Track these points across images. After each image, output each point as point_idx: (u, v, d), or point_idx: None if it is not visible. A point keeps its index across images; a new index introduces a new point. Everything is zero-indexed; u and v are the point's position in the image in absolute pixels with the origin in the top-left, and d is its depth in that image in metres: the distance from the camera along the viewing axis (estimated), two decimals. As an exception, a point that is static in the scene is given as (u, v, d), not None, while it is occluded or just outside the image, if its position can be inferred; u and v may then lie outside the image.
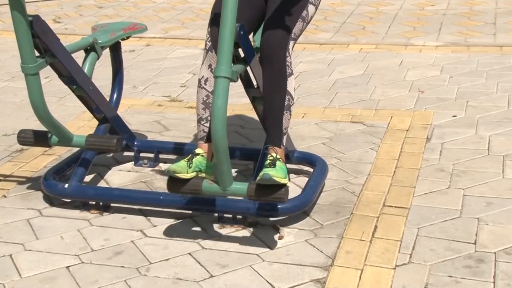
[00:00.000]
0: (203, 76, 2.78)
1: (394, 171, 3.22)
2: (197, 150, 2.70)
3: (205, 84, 2.77)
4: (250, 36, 2.85)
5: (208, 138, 2.72)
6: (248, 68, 2.81)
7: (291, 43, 2.77)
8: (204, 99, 2.77)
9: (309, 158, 3.19)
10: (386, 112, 3.98)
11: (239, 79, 2.71)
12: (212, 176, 2.66)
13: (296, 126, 3.82)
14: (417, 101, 4.16)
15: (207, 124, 2.75)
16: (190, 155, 2.67)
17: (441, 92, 4.28)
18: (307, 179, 3.03)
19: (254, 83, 2.91)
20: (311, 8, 2.83)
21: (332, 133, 3.73)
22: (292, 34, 2.76)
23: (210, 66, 2.75)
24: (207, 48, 2.78)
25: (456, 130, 3.67)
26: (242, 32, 2.62)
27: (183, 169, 2.56)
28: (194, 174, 2.60)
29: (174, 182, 2.58)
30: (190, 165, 2.60)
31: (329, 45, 5.37)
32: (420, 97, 4.23)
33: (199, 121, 2.78)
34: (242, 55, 2.75)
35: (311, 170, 3.11)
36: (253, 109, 3.05)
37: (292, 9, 2.75)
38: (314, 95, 4.34)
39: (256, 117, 3.15)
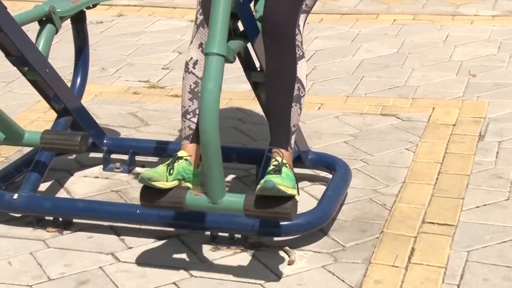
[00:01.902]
0: (191, 58, 2.79)
1: (437, 178, 3.23)
2: (180, 153, 2.70)
3: (194, 68, 2.77)
4: (252, 6, 2.87)
5: (195, 138, 2.72)
6: (250, 46, 2.82)
7: (302, 16, 2.78)
8: (192, 87, 2.77)
9: (327, 161, 3.20)
10: (426, 102, 3.99)
11: (237, 59, 2.72)
12: (198, 188, 2.65)
13: (311, 120, 3.83)
14: (467, 87, 4.17)
15: (195, 119, 2.74)
16: (170, 158, 2.67)
17: (498, 76, 4.29)
18: (324, 187, 3.04)
19: (257, 64, 2.92)
20: None
21: (357, 129, 3.74)
22: (303, 5, 2.77)
23: (201, 45, 2.76)
24: (197, 22, 2.79)
25: (517, 125, 3.70)
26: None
27: (161, 176, 2.56)
28: (175, 183, 2.59)
29: (150, 192, 2.57)
30: (171, 171, 2.59)
31: (353, 16, 5.38)
32: (471, 82, 4.24)
33: (184, 115, 2.78)
34: (241, 28, 2.77)
35: (330, 176, 3.12)
36: (256, 98, 3.06)
37: None
38: (334, 80, 4.35)
39: (259, 108, 3.15)
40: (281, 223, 2.74)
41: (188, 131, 2.76)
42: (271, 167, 2.62)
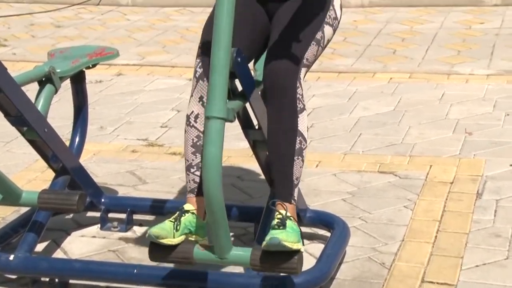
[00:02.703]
0: (192, 112, 2.80)
1: (436, 236, 3.21)
2: (186, 206, 2.71)
3: (195, 122, 2.78)
4: (250, 65, 2.87)
5: (200, 191, 2.72)
6: (247, 105, 2.82)
7: (303, 70, 2.79)
8: (195, 141, 2.78)
9: (325, 219, 3.18)
10: (423, 160, 3.98)
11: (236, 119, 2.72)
12: (205, 239, 2.65)
13: (309, 178, 3.82)
14: (464, 145, 4.16)
15: (198, 173, 2.75)
16: (177, 212, 2.66)
17: (494, 134, 4.29)
18: (323, 246, 3.02)
19: (255, 122, 2.92)
20: (327, 29, 2.86)
21: (355, 187, 3.72)
22: (304, 60, 2.78)
23: (201, 98, 2.77)
24: (197, 76, 2.80)
25: (514, 183, 3.68)
26: (239, 59, 2.64)
27: (168, 232, 2.56)
28: (182, 237, 2.60)
29: (158, 249, 2.58)
30: (178, 227, 2.59)
31: (350, 74, 5.40)
32: (467, 140, 4.23)
33: (188, 168, 2.79)
34: (240, 88, 2.77)
35: (328, 234, 3.10)
36: (254, 156, 3.05)
37: (303, 30, 2.78)
38: (332, 137, 4.35)
39: (257, 166, 3.15)
40: (280, 282, 2.71)
41: (193, 185, 2.77)
42: (275, 220, 2.61)
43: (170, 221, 2.61)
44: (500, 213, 3.40)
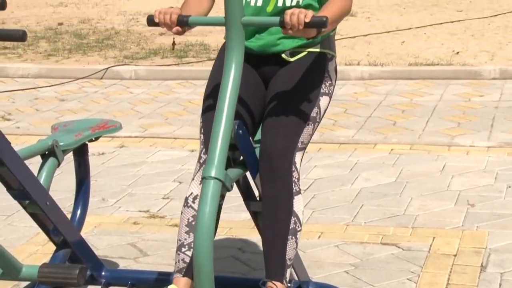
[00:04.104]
0: (191, 193, 2.78)
1: (440, 310, 3.15)
2: (171, 287, 2.65)
3: (193, 203, 2.76)
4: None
5: (188, 271, 2.67)
6: (249, 176, 2.80)
7: (299, 154, 2.78)
8: (190, 221, 2.75)
9: (328, 292, 3.13)
10: (426, 232, 3.94)
11: (236, 189, 2.70)
12: None
13: (311, 249, 3.77)
14: (466, 217, 4.13)
15: (189, 253, 2.71)
16: None
17: (496, 206, 4.25)
18: (326, 320, 2.96)
19: (256, 194, 2.90)
20: (323, 100, 2.84)
21: (358, 259, 3.67)
22: (299, 143, 2.77)
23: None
24: (201, 161, 2.79)
25: (518, 255, 3.64)
26: (241, 131, 2.63)
27: None
28: None
29: None
30: None
31: (351, 145, 5.39)
32: (469, 212, 4.20)
33: (179, 248, 2.76)
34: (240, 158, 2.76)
35: (332, 308, 3.05)
36: (256, 227, 3.02)
37: (298, 108, 2.77)
38: (333, 208, 4.31)
39: (259, 237, 3.12)
40: None
41: (182, 264, 2.73)
42: None
43: None
44: (505, 287, 3.35)
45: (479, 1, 10.83)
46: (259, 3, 2.78)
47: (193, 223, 2.73)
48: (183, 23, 2.71)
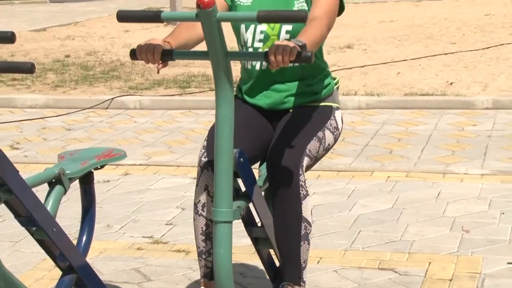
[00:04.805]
0: (199, 201, 2.83)
1: (437, 333, 3.13)
2: None
3: (203, 211, 2.82)
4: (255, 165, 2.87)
5: (213, 275, 2.73)
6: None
7: (306, 159, 2.81)
8: (204, 229, 2.83)
9: (327, 316, 3.11)
10: (422, 257, 3.93)
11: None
12: None
13: (310, 274, 3.75)
14: (461, 243, 4.11)
15: (210, 258, 2.82)
16: None
17: (491, 232, 4.24)
18: None
19: (257, 220, 2.90)
20: (328, 133, 2.90)
21: (356, 283, 3.65)
22: (307, 150, 2.81)
23: (206, 187, 2.80)
24: (201, 165, 2.81)
25: (512, 280, 3.62)
26: (242, 159, 2.63)
27: None
28: None
29: None
30: None
31: (349, 173, 5.39)
32: (464, 238, 4.18)
33: (200, 254, 2.86)
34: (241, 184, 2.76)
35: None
36: (256, 252, 3.01)
37: (305, 128, 2.83)
38: (332, 234, 4.30)
39: (259, 262, 3.10)
40: None
41: (206, 270, 2.84)
42: None
43: None
44: (499, 310, 3.33)
45: (471, 34, 10.89)
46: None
47: (207, 231, 2.82)
48: (168, 59, 2.58)
